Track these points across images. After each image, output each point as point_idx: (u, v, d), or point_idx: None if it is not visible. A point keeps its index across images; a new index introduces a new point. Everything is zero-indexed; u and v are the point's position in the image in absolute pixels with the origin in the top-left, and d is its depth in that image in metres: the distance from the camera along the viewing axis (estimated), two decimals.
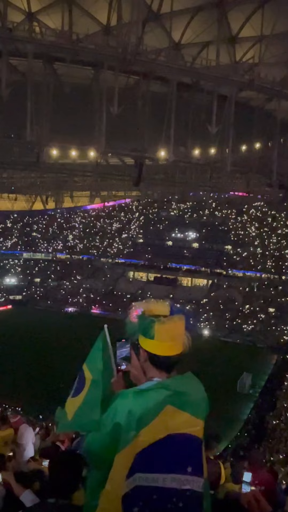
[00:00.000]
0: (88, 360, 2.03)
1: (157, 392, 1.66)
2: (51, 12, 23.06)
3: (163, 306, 1.84)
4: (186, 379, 1.78)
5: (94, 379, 1.88)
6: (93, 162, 34.63)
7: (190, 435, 1.67)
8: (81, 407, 1.86)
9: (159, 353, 1.73)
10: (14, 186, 55.42)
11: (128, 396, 1.68)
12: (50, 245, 71.67)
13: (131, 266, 64.89)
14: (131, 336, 1.84)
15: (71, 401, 1.98)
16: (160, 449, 1.60)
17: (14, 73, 25.65)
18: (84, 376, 1.97)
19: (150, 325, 1.72)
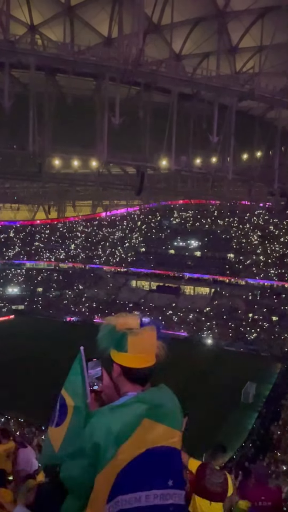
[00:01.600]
0: (67, 385, 1.90)
1: (133, 406, 1.62)
2: (53, 24, 23.40)
3: (132, 319, 1.80)
4: (160, 391, 1.74)
5: (76, 406, 1.77)
6: (95, 172, 34.85)
7: (169, 447, 1.63)
8: (66, 436, 1.76)
9: (133, 366, 1.69)
10: (16, 196, 55.78)
11: (104, 413, 1.63)
12: (53, 254, 71.80)
13: (134, 275, 64.83)
14: (103, 351, 1.80)
15: (54, 431, 1.84)
16: (140, 465, 1.55)
17: (17, 85, 25.95)
18: (65, 404, 1.84)
19: (123, 338, 1.69)
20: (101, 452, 1.55)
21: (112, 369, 1.77)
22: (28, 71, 22.21)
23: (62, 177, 40.09)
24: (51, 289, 66.25)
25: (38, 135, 23.94)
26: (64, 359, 17.43)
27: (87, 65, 21.52)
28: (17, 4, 21.06)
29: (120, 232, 73.24)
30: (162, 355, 1.74)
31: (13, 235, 74.29)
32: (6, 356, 37.52)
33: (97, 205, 71.98)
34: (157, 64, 22.27)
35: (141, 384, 1.72)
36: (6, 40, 19.65)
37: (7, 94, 20.86)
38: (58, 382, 9.24)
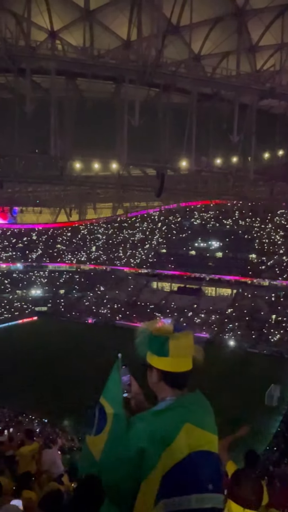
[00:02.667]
0: (106, 393, 1.90)
1: (175, 411, 1.65)
2: (73, 29, 23.67)
3: (167, 325, 1.83)
4: (197, 396, 1.78)
5: (116, 413, 1.77)
6: (116, 174, 35.01)
7: (209, 451, 1.66)
8: (107, 445, 1.74)
9: (174, 370, 1.72)
10: (39, 199, 56.58)
11: (147, 418, 1.66)
12: (74, 256, 72.55)
13: (155, 277, 64.81)
14: (141, 357, 1.82)
15: (94, 439, 1.83)
16: (182, 469, 1.58)
17: (38, 90, 26.37)
18: (104, 411, 1.83)
19: (164, 342, 1.72)
20: (146, 457, 1.58)
21: (150, 374, 1.79)
22: (49, 76, 22.54)
23: (83, 180, 40.42)
24: (73, 291, 66.95)
25: (60, 139, 24.25)
26: (86, 360, 17.84)
27: (106, 68, 21.69)
28: (38, 11, 21.41)
29: (140, 233, 73.39)
30: (200, 359, 1.77)
31: (35, 237, 75.48)
32: (30, 357, 38.14)
33: (117, 207, 72.30)
34: (176, 65, 22.24)
35: (180, 389, 1.75)
36: (27, 46, 20.02)
37: (29, 100, 21.22)
38: (81, 382, 9.46)
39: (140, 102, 22.90)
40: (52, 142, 23.37)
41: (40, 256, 72.58)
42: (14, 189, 45.29)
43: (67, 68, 22.82)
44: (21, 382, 31.98)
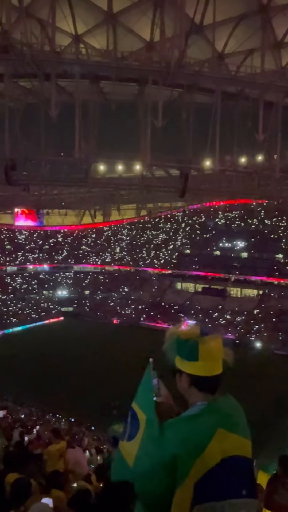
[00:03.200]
0: (138, 398, 1.87)
1: (207, 416, 1.63)
2: (96, 33, 23.92)
3: (194, 328, 1.80)
4: (228, 400, 1.75)
5: (148, 419, 1.74)
6: (139, 175, 35.12)
7: (242, 456, 1.63)
8: (140, 452, 1.72)
9: (203, 374, 1.70)
10: (64, 201, 57.48)
11: (179, 424, 1.65)
12: (99, 257, 73.22)
13: (179, 277, 64.58)
14: (170, 362, 1.80)
15: (127, 445, 1.80)
16: (216, 475, 1.56)
17: (63, 94, 26.78)
18: (137, 417, 1.80)
19: (193, 346, 1.70)
20: (180, 463, 1.56)
21: (180, 379, 1.76)
22: (74, 80, 22.86)
23: (107, 181, 40.82)
24: (98, 291, 67.56)
25: (84, 141, 24.54)
26: (112, 360, 17.87)
27: (130, 70, 21.80)
28: (62, 16, 21.74)
29: (164, 234, 73.31)
30: (230, 362, 1.74)
31: (61, 239, 76.64)
32: (56, 357, 38.72)
33: (141, 208, 72.62)
34: (200, 64, 22.11)
35: (211, 393, 1.73)
36: (52, 51, 20.37)
37: (53, 104, 21.58)
38: (106, 382, 9.47)
39: (164, 102, 22.89)
40: (76, 145, 23.68)
41: (65, 257, 73.62)
42: (41, 192, 46.16)
43: (91, 71, 23.08)
44: (48, 381, 32.52)
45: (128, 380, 23.60)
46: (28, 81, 25.77)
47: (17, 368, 35.59)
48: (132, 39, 23.91)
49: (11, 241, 73.94)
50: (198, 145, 26.10)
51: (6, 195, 46.21)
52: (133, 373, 13.76)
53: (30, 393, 30.34)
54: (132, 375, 14.21)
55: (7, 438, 10.15)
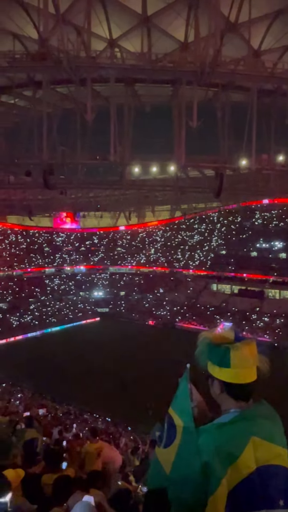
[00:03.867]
0: (175, 405, 1.84)
1: (241, 424, 1.59)
2: (130, 36, 24.08)
3: (227, 333, 1.76)
4: (264, 407, 1.70)
5: (185, 426, 1.71)
6: (173, 177, 35.02)
7: (278, 465, 1.57)
8: (176, 459, 1.69)
9: (236, 382, 1.66)
10: (99, 204, 58.26)
11: (211, 432, 1.61)
12: (134, 259, 73.65)
13: (214, 278, 63.81)
14: (203, 367, 1.77)
15: (164, 452, 1.77)
16: (250, 485, 1.52)
17: (98, 98, 27.19)
18: (174, 424, 1.77)
19: (225, 353, 1.66)
20: (212, 471, 1.54)
21: (212, 384, 1.74)
22: (109, 84, 23.15)
23: (142, 183, 40.99)
24: (133, 293, 67.97)
25: (119, 144, 24.78)
26: (147, 361, 17.92)
27: (164, 72, 21.79)
28: (97, 21, 22.06)
29: (199, 235, 72.69)
30: (265, 369, 1.69)
31: (97, 241, 77.77)
32: (93, 357, 39.31)
33: (175, 209, 72.30)
34: (235, 62, 21.78)
35: (245, 400, 1.69)
36: (88, 56, 20.71)
37: (89, 109, 21.95)
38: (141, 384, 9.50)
39: (198, 103, 22.72)
40: (112, 148, 23.95)
41: (101, 259, 74.64)
42: (77, 195, 47.04)
43: (126, 75, 23.26)
44: (85, 380, 33.07)
45: (163, 381, 23.65)
46: (65, 87, 26.36)
47: (56, 367, 36.45)
48: (167, 40, 23.86)
49: (49, 244, 75.89)
50: (234, 145, 25.71)
51: (45, 199, 47.46)
52: (168, 375, 13.92)
53: (68, 392, 30.97)
54: (167, 377, 14.38)
55: (47, 436, 10.40)
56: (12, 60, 20.86)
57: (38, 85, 24.69)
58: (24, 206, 48.41)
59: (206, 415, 1.81)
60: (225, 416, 1.68)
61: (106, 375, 34.45)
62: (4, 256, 68.51)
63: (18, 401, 24.67)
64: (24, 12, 19.95)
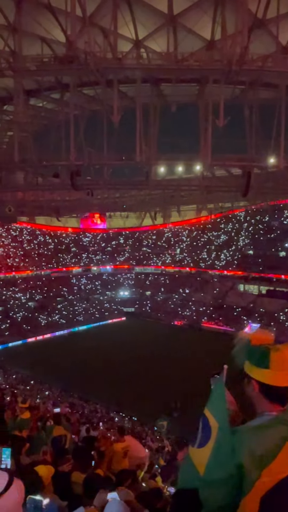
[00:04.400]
0: (211, 405, 1.81)
1: (276, 428, 1.56)
2: (156, 36, 24.11)
3: (267, 334, 1.73)
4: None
5: (221, 426, 1.69)
6: (199, 176, 34.78)
7: None
8: (210, 460, 1.67)
9: (274, 384, 1.62)
10: (125, 204, 58.61)
11: (245, 434, 1.59)
12: (159, 259, 73.61)
13: (242, 279, 62.93)
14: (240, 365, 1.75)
15: (197, 452, 1.76)
16: (284, 489, 1.49)
17: (124, 99, 27.34)
18: (209, 424, 1.76)
19: (265, 353, 1.64)
20: (246, 474, 1.52)
21: (248, 385, 1.72)
22: (135, 85, 23.24)
23: (167, 183, 40.94)
24: (158, 292, 67.95)
25: (145, 145, 24.83)
26: (173, 361, 17.84)
27: (191, 71, 21.69)
28: (124, 22, 22.19)
29: (225, 235, 71.88)
30: None
31: (123, 241, 78.22)
32: (119, 356, 39.55)
33: (201, 209, 71.79)
34: (263, 59, 21.41)
35: (282, 404, 1.66)
36: (114, 58, 20.88)
37: (116, 110, 22.10)
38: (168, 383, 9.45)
39: (225, 101, 22.48)
40: (137, 149, 24.02)
41: (127, 259, 75.00)
42: (103, 195, 47.48)
43: (152, 75, 23.30)
44: (111, 379, 33.32)
45: (189, 381, 23.66)
46: (92, 88, 26.65)
47: (83, 365, 36.91)
48: (193, 39, 23.75)
49: (76, 244, 76.93)
50: (261, 143, 25.28)
51: (72, 199, 48.18)
52: (194, 375, 13.90)
53: (95, 390, 31.28)
54: (193, 377, 14.34)
55: (75, 434, 10.54)
56: (40, 64, 21.27)
57: (65, 88, 25.08)
58: (52, 207, 49.27)
59: (238, 416, 1.80)
60: (260, 418, 1.66)
61: (132, 374, 34.59)
62: (32, 256, 69.93)
63: (46, 398, 25.16)
64: (52, 16, 20.29)
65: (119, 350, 42.09)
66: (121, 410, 27.68)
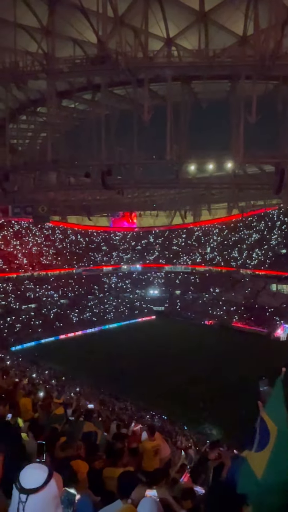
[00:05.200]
0: (269, 409, 1.78)
1: None
2: (188, 34, 23.92)
3: None
4: None
5: (280, 429, 1.65)
6: (231, 174, 34.27)
7: None
8: (270, 463, 1.63)
9: None
10: (155, 203, 58.56)
11: None
12: (189, 258, 73.17)
13: (274, 278, 61.56)
14: None
15: (255, 456, 1.73)
16: None
17: (155, 98, 27.32)
18: (267, 428, 1.72)
19: None
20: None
21: None
22: (166, 83, 23.17)
23: (198, 181, 40.56)
24: (188, 292, 67.57)
25: (175, 143, 24.72)
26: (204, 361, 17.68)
27: (222, 67, 21.40)
28: (155, 21, 22.16)
29: (257, 233, 70.52)
30: None
31: (152, 240, 78.29)
32: (149, 355, 39.66)
33: (232, 207, 70.64)
34: None
35: None
36: (145, 57, 20.88)
37: (146, 109, 22.11)
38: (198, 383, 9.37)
39: (258, 97, 22.04)
40: (168, 147, 23.95)
41: (157, 257, 75.01)
42: (133, 194, 47.65)
43: (183, 73, 23.16)
44: (141, 377, 33.46)
45: (220, 382, 23.32)
46: (123, 88, 26.81)
47: (112, 363, 37.26)
48: (225, 35, 23.40)
49: (107, 242, 77.72)
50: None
51: (103, 199, 48.66)
52: (225, 376, 13.67)
53: (125, 388, 31.50)
54: (224, 378, 14.12)
55: (106, 431, 10.66)
56: (73, 65, 21.57)
57: (97, 88, 25.32)
58: (83, 207, 49.94)
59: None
60: None
61: (162, 373, 34.59)
62: (64, 255, 71.23)
63: (77, 394, 25.55)
64: (83, 18, 20.53)
65: (149, 348, 42.20)
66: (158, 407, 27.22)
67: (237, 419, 24.30)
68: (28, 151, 30.68)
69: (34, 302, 59.13)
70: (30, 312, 56.83)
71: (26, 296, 59.83)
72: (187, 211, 69.11)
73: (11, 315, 54.51)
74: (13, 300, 57.97)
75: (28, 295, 60.20)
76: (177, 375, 33.97)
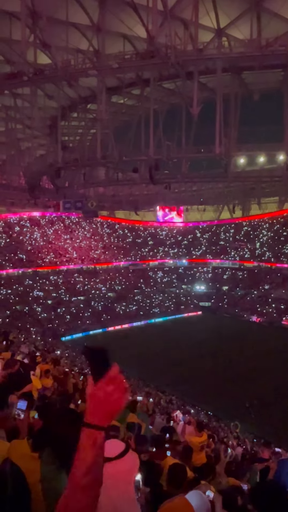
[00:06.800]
0: None
1: None
2: (239, 24, 23.28)
3: None
4: None
5: None
6: (283, 166, 33.05)
7: None
8: None
9: None
10: (202, 197, 57.84)
11: None
12: (238, 253, 71.67)
13: None
14: None
15: None
16: None
17: (204, 91, 26.91)
18: None
19: None
20: None
21: None
22: (215, 75, 22.75)
23: (247, 175, 39.51)
24: (236, 288, 66.29)
25: (224, 136, 24.24)
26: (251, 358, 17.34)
27: (275, 56, 20.64)
28: (205, 12, 21.76)
29: None
30: None
31: (199, 235, 77.49)
32: (194, 350, 39.50)
33: (284, 201, 68.12)
34: None
35: None
36: (195, 49, 20.61)
37: (195, 102, 21.84)
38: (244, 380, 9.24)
39: None
40: (217, 140, 23.54)
41: (203, 253, 74.19)
42: (180, 189, 47.35)
43: (234, 63, 22.62)
44: (186, 372, 33.43)
45: (266, 381, 22.71)
46: (172, 82, 26.63)
47: (158, 356, 37.49)
48: (278, 23, 22.48)
49: (153, 237, 77.99)
50: None
51: (150, 193, 48.82)
52: (272, 375, 13.30)
53: (171, 382, 31.62)
54: (272, 377, 13.74)
55: (151, 423, 10.77)
56: (122, 61, 21.73)
57: (145, 83, 25.36)
58: (130, 201, 50.41)
59: None
60: None
61: (207, 369, 34.33)
62: (112, 249, 72.41)
63: None
64: (133, 13, 20.60)
65: (195, 344, 41.99)
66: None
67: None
68: (79, 148, 31.39)
69: (83, 295, 60.72)
70: (80, 304, 58.46)
71: (76, 288, 61.56)
72: (236, 205, 67.63)
73: (61, 307, 56.39)
74: (64, 292, 59.86)
75: (78, 287, 61.91)
76: (224, 372, 33.57)
